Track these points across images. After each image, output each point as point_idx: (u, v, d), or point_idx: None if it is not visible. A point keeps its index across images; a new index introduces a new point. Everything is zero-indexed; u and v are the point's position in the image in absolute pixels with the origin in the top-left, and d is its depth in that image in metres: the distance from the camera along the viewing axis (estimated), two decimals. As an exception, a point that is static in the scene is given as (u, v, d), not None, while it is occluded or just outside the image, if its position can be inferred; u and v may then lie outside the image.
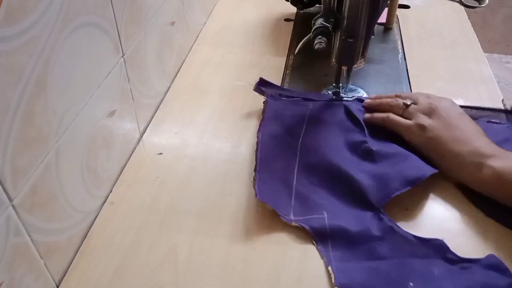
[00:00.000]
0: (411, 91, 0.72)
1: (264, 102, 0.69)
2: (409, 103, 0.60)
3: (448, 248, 0.48)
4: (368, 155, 0.58)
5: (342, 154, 0.59)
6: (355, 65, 0.67)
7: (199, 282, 0.47)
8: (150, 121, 0.69)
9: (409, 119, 0.59)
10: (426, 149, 0.57)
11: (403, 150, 0.58)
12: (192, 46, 0.86)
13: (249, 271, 0.48)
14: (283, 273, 0.48)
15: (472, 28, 0.89)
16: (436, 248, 0.48)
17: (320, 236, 0.51)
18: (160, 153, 0.63)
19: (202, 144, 0.64)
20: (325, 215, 0.52)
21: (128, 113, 0.61)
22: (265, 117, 0.66)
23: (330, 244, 0.50)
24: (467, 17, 0.93)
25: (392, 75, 0.76)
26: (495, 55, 2.17)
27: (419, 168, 0.55)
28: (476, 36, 0.86)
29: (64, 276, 0.48)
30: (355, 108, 0.66)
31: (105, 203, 0.56)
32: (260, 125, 0.64)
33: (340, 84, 0.70)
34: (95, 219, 0.54)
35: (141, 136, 0.66)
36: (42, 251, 0.44)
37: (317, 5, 0.86)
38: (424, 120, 0.58)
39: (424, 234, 0.51)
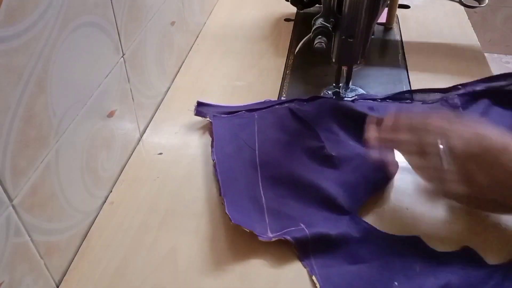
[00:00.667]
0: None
1: (208, 124, 0.67)
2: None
3: (425, 244, 0.49)
4: (328, 161, 0.57)
5: (302, 163, 0.58)
6: (355, 65, 0.67)
7: (199, 282, 0.47)
8: (150, 121, 0.69)
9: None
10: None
11: (359, 149, 0.57)
12: (192, 46, 0.86)
13: (249, 271, 0.48)
14: (283, 274, 0.48)
15: (472, 28, 0.89)
16: (414, 245, 0.49)
17: (301, 245, 0.49)
18: (160, 153, 0.63)
19: (202, 144, 0.64)
20: (302, 226, 0.51)
21: (128, 113, 0.61)
22: (214, 138, 0.63)
23: (311, 251, 0.49)
24: (467, 17, 0.93)
25: (392, 75, 0.76)
26: (495, 55, 2.17)
27: (380, 171, 0.54)
28: (476, 36, 0.86)
29: (64, 276, 0.48)
30: (299, 110, 0.65)
31: (105, 203, 0.56)
32: (211, 147, 0.62)
33: (340, 84, 0.71)
34: (95, 219, 0.54)
35: (141, 136, 0.66)
36: (42, 251, 0.44)
37: (317, 5, 0.86)
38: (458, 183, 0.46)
39: (423, 232, 0.51)
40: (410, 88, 0.73)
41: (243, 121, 0.66)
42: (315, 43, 0.62)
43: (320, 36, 0.62)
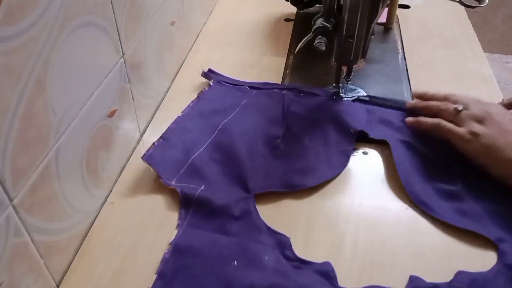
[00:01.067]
0: (411, 91, 0.72)
1: (206, 86, 0.72)
2: (460, 108, 0.58)
3: (290, 245, 0.50)
4: (275, 150, 0.61)
5: (252, 142, 0.62)
6: (355, 65, 0.67)
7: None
8: (150, 121, 0.69)
9: (460, 126, 0.57)
10: (480, 157, 0.55)
11: (311, 158, 0.60)
12: (192, 46, 0.86)
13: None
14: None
15: (472, 28, 0.89)
16: (279, 242, 0.50)
17: (186, 202, 0.54)
18: (160, 153, 0.63)
19: (202, 144, 0.64)
20: (202, 187, 0.55)
21: (128, 113, 0.61)
22: (200, 97, 0.69)
23: (192, 211, 0.53)
24: (467, 17, 0.93)
25: (392, 75, 0.76)
26: (495, 55, 2.17)
27: (306, 176, 0.57)
28: (476, 36, 0.86)
29: (64, 276, 0.48)
30: (290, 100, 0.69)
31: (105, 203, 0.56)
32: (190, 102, 0.68)
33: (340, 84, 0.71)
34: (95, 219, 0.54)
35: (141, 136, 0.66)
36: (42, 251, 0.44)
37: (317, 5, 0.86)
38: (477, 127, 0.56)
39: (422, 233, 0.51)
40: (410, 88, 0.73)
41: (239, 93, 0.71)
42: (315, 43, 0.62)
43: (320, 36, 0.62)
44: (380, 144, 0.62)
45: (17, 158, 0.39)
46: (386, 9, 0.87)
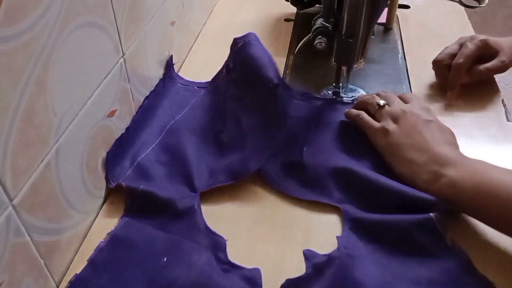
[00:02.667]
0: (411, 91, 0.72)
1: (160, 80, 0.72)
2: (382, 103, 0.60)
3: (224, 248, 0.50)
4: (220, 145, 0.61)
5: (199, 141, 0.62)
6: (355, 65, 0.67)
7: (199, 282, 0.47)
8: (150, 121, 0.69)
9: (378, 121, 0.59)
10: (385, 154, 0.57)
11: (251, 142, 0.59)
12: (192, 46, 0.86)
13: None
14: (283, 273, 0.48)
15: (472, 28, 0.89)
16: (214, 244, 0.50)
17: (131, 195, 0.54)
18: (160, 153, 0.63)
19: (202, 144, 0.64)
20: (142, 185, 0.55)
21: (128, 113, 0.61)
22: (156, 91, 0.69)
23: (137, 204, 0.53)
24: (467, 17, 0.93)
25: (392, 75, 0.76)
26: (495, 55, 2.16)
27: (245, 162, 0.57)
28: (476, 36, 0.86)
29: (64, 276, 0.48)
30: (226, 87, 0.68)
31: (105, 203, 0.56)
32: (149, 94, 0.67)
33: (340, 84, 0.71)
34: (95, 219, 0.54)
35: (141, 136, 0.66)
36: (42, 251, 0.44)
37: (317, 5, 0.86)
38: (390, 124, 0.57)
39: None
40: (410, 88, 0.73)
41: (187, 94, 0.72)
42: (315, 43, 0.62)
43: (320, 36, 0.62)
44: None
45: (17, 158, 0.39)
46: (386, 9, 0.87)
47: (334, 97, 0.70)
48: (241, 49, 0.68)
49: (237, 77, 0.67)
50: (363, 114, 0.61)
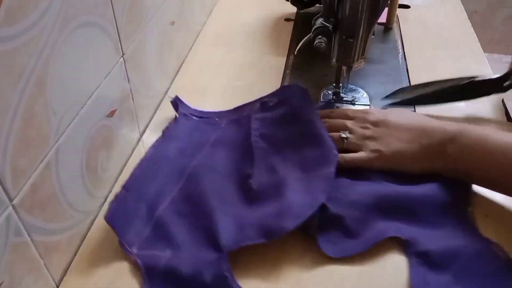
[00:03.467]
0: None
1: (172, 120, 0.65)
2: (345, 136, 0.58)
3: None
4: (248, 193, 0.53)
5: (223, 187, 0.54)
6: (355, 65, 0.67)
7: (199, 282, 0.47)
8: (150, 121, 0.69)
9: (357, 150, 0.57)
10: (394, 167, 0.56)
11: (287, 193, 0.51)
12: (192, 46, 0.86)
13: (249, 271, 0.48)
14: (283, 273, 0.48)
15: (472, 28, 0.89)
16: None
17: (150, 276, 0.46)
18: (160, 153, 0.63)
19: (202, 144, 0.64)
20: (167, 254, 0.48)
21: (128, 113, 0.61)
22: (165, 135, 0.61)
23: (157, 280, 0.46)
24: (467, 17, 0.93)
25: (392, 75, 0.76)
26: (495, 55, 2.17)
27: (282, 217, 0.49)
28: (476, 36, 0.86)
29: (64, 276, 0.48)
30: (255, 122, 0.62)
31: (105, 203, 0.56)
32: (155, 142, 0.60)
33: (340, 84, 0.71)
34: (95, 219, 0.54)
35: (141, 136, 0.66)
36: (42, 251, 0.44)
37: (317, 5, 0.86)
38: (373, 144, 0.57)
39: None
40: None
41: (208, 127, 0.64)
42: (315, 43, 0.62)
43: (320, 36, 0.62)
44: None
45: (17, 158, 0.39)
46: (386, 9, 0.87)
47: (333, 97, 0.70)
48: (292, 97, 0.63)
49: (277, 120, 0.61)
50: (344, 157, 0.56)
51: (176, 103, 0.67)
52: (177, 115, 0.66)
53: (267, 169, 0.55)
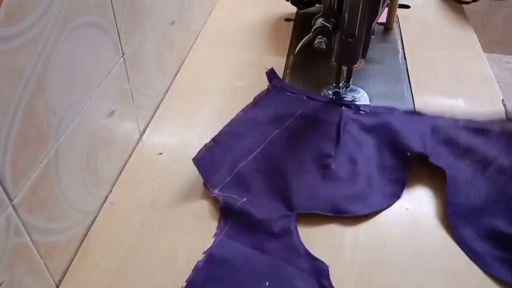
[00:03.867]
0: (411, 91, 0.72)
1: (264, 91, 0.70)
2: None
3: (327, 275, 0.47)
4: (325, 169, 0.58)
5: (302, 156, 0.59)
6: (355, 65, 0.67)
7: (199, 282, 0.47)
8: (150, 121, 0.69)
9: None
10: None
11: (362, 184, 0.56)
12: (192, 46, 0.86)
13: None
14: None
15: (472, 28, 0.89)
16: (316, 270, 0.48)
17: (226, 212, 0.53)
18: (160, 153, 0.63)
19: (202, 144, 0.64)
20: (244, 199, 0.54)
21: (128, 113, 0.61)
22: (256, 102, 0.68)
23: (231, 222, 0.52)
24: (467, 17, 0.93)
25: (392, 75, 0.76)
26: (495, 55, 2.16)
27: (351, 204, 0.54)
28: (476, 36, 0.86)
29: (64, 276, 0.48)
30: (348, 117, 0.65)
31: (105, 203, 0.56)
32: (246, 106, 0.67)
33: (340, 84, 0.70)
34: (95, 219, 0.54)
35: (141, 136, 0.66)
36: (42, 251, 0.43)
37: (317, 5, 0.86)
38: None
39: (421, 234, 0.51)
40: (410, 88, 0.73)
41: (295, 102, 0.69)
42: (315, 43, 0.62)
43: (320, 36, 0.62)
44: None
45: (17, 158, 0.39)
46: (386, 9, 0.87)
47: (333, 97, 0.70)
48: (388, 112, 0.66)
49: (368, 125, 0.64)
50: None
51: (271, 74, 0.74)
52: (270, 86, 0.72)
53: (348, 157, 0.60)
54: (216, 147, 0.59)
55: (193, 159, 0.57)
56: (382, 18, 0.87)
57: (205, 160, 0.57)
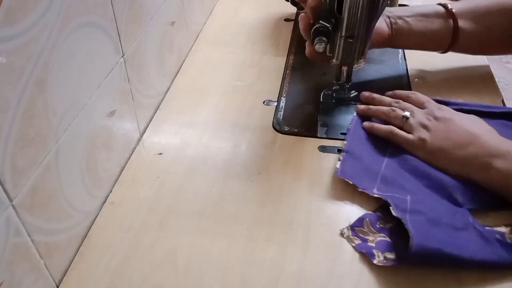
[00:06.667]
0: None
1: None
2: (407, 115, 0.61)
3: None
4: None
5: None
6: (355, 65, 0.67)
7: (199, 282, 0.47)
8: (150, 121, 0.69)
9: (410, 132, 0.60)
10: (432, 161, 0.57)
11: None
12: (192, 46, 0.86)
13: (249, 272, 0.48)
14: (283, 274, 0.48)
15: (472, 28, 0.89)
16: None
17: (399, 210, 0.50)
18: (160, 153, 0.63)
19: (202, 144, 0.64)
20: (408, 198, 0.53)
21: (128, 113, 0.61)
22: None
23: (409, 218, 0.49)
24: (467, 17, 0.93)
25: (392, 75, 0.76)
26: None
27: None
28: (476, 36, 0.86)
29: (64, 276, 0.48)
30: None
31: (105, 203, 0.56)
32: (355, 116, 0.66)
33: (340, 84, 0.70)
34: (95, 219, 0.54)
35: (141, 136, 0.66)
36: (42, 251, 0.44)
37: (317, 5, 0.86)
38: (424, 133, 0.58)
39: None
40: (411, 88, 0.73)
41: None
42: (315, 43, 0.62)
43: (320, 36, 0.62)
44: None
45: (17, 158, 0.39)
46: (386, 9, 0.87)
47: (334, 94, 0.70)
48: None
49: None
50: (396, 130, 0.60)
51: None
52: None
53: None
54: (349, 156, 0.59)
55: (337, 173, 0.56)
56: (382, 18, 0.87)
57: (347, 171, 0.57)
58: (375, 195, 0.53)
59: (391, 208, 0.51)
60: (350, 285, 0.47)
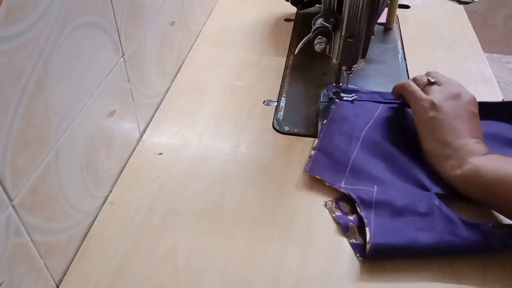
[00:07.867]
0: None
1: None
2: (433, 80, 0.60)
3: (495, 233, 0.48)
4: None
5: (400, 149, 0.59)
6: (355, 65, 0.67)
7: (199, 282, 0.47)
8: (150, 121, 0.69)
9: (427, 94, 0.59)
10: (423, 127, 0.57)
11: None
12: (192, 46, 0.86)
13: (249, 272, 0.48)
14: (283, 274, 0.48)
15: (472, 28, 0.89)
16: (482, 233, 0.48)
17: (364, 205, 0.52)
18: (160, 153, 0.63)
19: (202, 144, 0.64)
20: (375, 189, 0.54)
21: (128, 113, 0.61)
22: (338, 102, 0.67)
23: (374, 213, 0.51)
24: (467, 17, 0.93)
25: (392, 75, 0.76)
26: (495, 55, 2.17)
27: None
28: (476, 36, 0.86)
29: (64, 276, 0.48)
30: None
31: (105, 203, 0.56)
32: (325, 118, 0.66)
33: (340, 84, 0.70)
34: (95, 219, 0.54)
35: (141, 136, 0.66)
36: (42, 251, 0.44)
37: (317, 5, 0.86)
38: (439, 99, 0.57)
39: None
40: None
41: (368, 106, 0.68)
42: (315, 43, 0.62)
43: (320, 36, 0.62)
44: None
45: (17, 158, 0.39)
46: (386, 9, 0.87)
47: (334, 96, 0.70)
48: None
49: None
50: (412, 85, 0.60)
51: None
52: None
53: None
54: (318, 153, 0.60)
55: (306, 170, 0.58)
56: (382, 18, 0.87)
57: (316, 167, 0.58)
58: (342, 190, 0.55)
59: (356, 205, 0.52)
60: (350, 285, 0.47)
